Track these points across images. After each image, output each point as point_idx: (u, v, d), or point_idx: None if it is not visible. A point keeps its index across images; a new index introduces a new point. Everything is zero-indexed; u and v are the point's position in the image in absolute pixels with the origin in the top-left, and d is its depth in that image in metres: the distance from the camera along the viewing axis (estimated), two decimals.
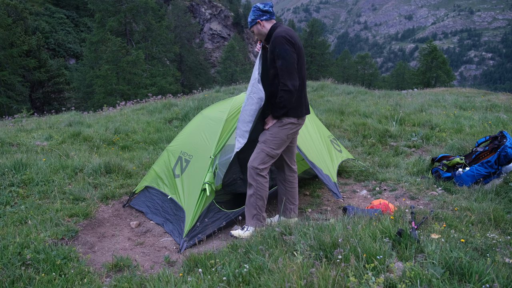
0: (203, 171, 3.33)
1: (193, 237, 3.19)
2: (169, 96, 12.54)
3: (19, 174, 4.38)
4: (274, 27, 3.04)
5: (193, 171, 3.48)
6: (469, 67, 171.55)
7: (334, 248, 2.33)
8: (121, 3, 27.25)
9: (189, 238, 3.16)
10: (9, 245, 2.81)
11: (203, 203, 3.26)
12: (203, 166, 3.37)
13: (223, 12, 65.91)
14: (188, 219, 3.23)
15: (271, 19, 3.09)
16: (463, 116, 7.13)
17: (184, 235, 3.16)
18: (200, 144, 3.61)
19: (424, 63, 38.88)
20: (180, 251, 3.10)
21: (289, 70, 2.88)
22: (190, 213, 3.24)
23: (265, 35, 3.08)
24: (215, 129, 3.55)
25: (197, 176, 3.38)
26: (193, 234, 3.20)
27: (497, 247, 2.38)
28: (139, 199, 4.02)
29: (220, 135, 3.44)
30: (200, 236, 3.23)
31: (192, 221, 3.20)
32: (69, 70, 33.68)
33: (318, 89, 13.35)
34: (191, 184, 3.42)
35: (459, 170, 4.04)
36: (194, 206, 3.23)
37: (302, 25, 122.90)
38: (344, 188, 4.41)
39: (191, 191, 3.37)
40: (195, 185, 3.35)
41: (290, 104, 2.96)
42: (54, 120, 8.74)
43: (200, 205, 3.25)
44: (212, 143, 3.44)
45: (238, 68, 39.09)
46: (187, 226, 3.19)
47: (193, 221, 3.20)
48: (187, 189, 3.44)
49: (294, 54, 2.91)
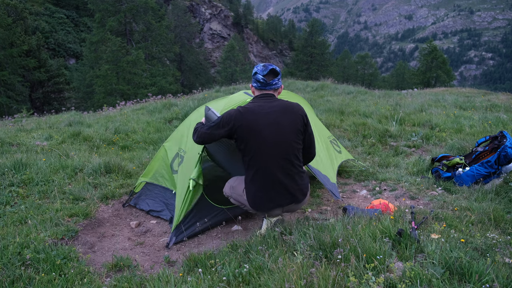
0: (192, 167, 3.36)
1: (184, 231, 3.24)
2: (169, 96, 12.55)
3: (19, 174, 4.38)
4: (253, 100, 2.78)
5: (186, 167, 3.50)
6: (469, 67, 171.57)
7: (334, 248, 2.33)
8: (121, 3, 27.24)
9: (177, 233, 3.22)
10: (9, 245, 2.81)
11: (189, 199, 3.30)
12: (193, 162, 3.39)
13: (223, 12, 65.93)
14: (176, 214, 3.29)
15: (261, 89, 2.76)
16: (463, 116, 7.13)
17: (172, 229, 3.24)
18: (192, 140, 3.63)
19: (424, 63, 38.89)
20: (167, 246, 3.18)
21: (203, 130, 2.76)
22: (178, 209, 3.29)
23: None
24: None
25: (189, 172, 3.40)
26: (182, 230, 3.26)
27: (497, 247, 2.38)
28: (140, 197, 4.03)
29: None
30: (190, 231, 3.27)
31: (179, 216, 3.25)
32: (69, 70, 33.68)
33: (318, 89, 13.37)
34: (183, 180, 3.45)
35: (459, 170, 4.04)
36: (182, 202, 3.28)
37: (302, 25, 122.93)
38: (344, 188, 4.41)
39: (182, 187, 3.40)
40: (186, 181, 3.38)
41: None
42: (54, 120, 8.74)
43: (187, 201, 3.29)
44: None
45: (238, 68, 39.10)
46: (175, 222, 3.26)
47: (180, 217, 3.25)
48: (179, 185, 3.49)
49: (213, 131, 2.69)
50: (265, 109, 2.66)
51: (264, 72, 2.70)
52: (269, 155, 2.63)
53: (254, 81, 2.74)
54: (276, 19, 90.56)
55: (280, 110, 2.67)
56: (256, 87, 2.75)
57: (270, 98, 2.74)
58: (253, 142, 2.62)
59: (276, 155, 2.64)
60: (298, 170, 2.77)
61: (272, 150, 2.63)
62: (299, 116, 2.72)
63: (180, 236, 3.24)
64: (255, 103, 2.72)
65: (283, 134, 2.64)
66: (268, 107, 2.67)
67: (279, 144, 2.63)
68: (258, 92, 2.77)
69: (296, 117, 2.70)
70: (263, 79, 2.70)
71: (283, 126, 2.64)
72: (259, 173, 2.66)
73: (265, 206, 2.77)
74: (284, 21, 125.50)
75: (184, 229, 3.27)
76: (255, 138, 2.61)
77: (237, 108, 2.70)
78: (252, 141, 2.62)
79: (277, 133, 2.63)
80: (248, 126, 2.61)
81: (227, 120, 2.64)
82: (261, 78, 2.69)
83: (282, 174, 2.68)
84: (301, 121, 2.73)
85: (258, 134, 2.61)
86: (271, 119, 2.63)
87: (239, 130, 2.62)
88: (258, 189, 2.71)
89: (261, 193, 2.72)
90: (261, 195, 2.72)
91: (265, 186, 2.69)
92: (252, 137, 2.61)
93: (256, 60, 65.30)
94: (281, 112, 2.67)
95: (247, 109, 2.66)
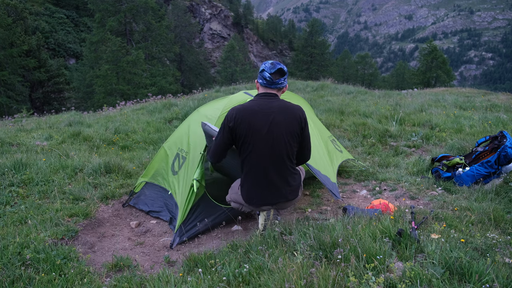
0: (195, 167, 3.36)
1: (185, 233, 3.25)
2: (169, 96, 12.55)
3: (19, 174, 4.38)
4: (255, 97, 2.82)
5: (188, 167, 3.51)
6: (469, 67, 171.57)
7: (334, 248, 2.33)
8: (121, 3, 27.24)
9: (180, 234, 3.23)
10: (9, 245, 2.81)
11: (192, 199, 3.31)
12: (196, 162, 3.40)
13: (223, 12, 65.93)
14: (179, 215, 3.29)
15: (266, 87, 2.76)
16: (463, 116, 7.13)
17: (175, 230, 3.24)
18: (195, 140, 3.63)
19: (424, 63, 38.89)
20: (171, 247, 3.18)
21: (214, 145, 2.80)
22: (181, 209, 3.30)
23: None
24: None
25: (191, 172, 3.41)
26: (185, 230, 3.26)
27: (497, 247, 2.38)
28: (139, 197, 4.03)
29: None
30: (192, 232, 3.28)
31: (182, 217, 3.26)
32: (69, 70, 33.68)
33: (318, 89, 13.37)
34: (186, 181, 3.45)
35: (459, 170, 4.04)
36: (184, 202, 3.29)
37: (302, 25, 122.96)
38: (344, 188, 4.41)
39: (185, 188, 3.41)
40: (189, 181, 3.39)
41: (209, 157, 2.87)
42: (54, 120, 8.74)
43: (190, 201, 3.30)
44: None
45: (238, 68, 39.09)
46: (178, 222, 3.26)
47: (183, 217, 3.26)
48: (181, 185, 3.49)
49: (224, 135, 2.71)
50: (264, 109, 2.68)
51: (271, 71, 2.71)
52: (264, 154, 2.68)
53: (260, 78, 2.75)
54: (276, 19, 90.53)
55: (279, 111, 2.69)
56: (262, 84, 2.76)
57: (271, 97, 2.75)
58: (250, 139, 2.66)
59: (271, 155, 2.68)
60: (291, 171, 2.81)
61: (267, 150, 2.67)
62: (297, 119, 2.73)
63: (184, 236, 3.24)
64: (255, 102, 2.75)
65: (279, 135, 2.67)
66: (268, 107, 2.69)
67: (274, 144, 2.67)
68: (262, 89, 2.79)
69: (294, 119, 2.72)
70: (269, 77, 2.70)
71: (280, 127, 2.67)
72: (252, 171, 2.73)
73: (257, 202, 2.82)
74: (284, 21, 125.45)
75: (186, 230, 3.27)
76: (252, 136, 2.65)
77: (237, 106, 2.72)
78: (249, 138, 2.66)
79: (273, 133, 2.66)
80: (247, 123, 2.64)
81: (229, 118, 2.66)
82: (268, 76, 2.70)
83: (275, 174, 2.73)
84: (298, 124, 2.74)
85: (255, 132, 2.64)
86: (269, 119, 2.65)
87: (239, 128, 2.65)
88: (251, 186, 2.78)
89: (254, 190, 2.78)
90: (254, 192, 2.78)
91: (258, 184, 2.75)
92: (249, 134, 2.65)
93: (256, 60, 65.28)
94: (279, 113, 2.69)
95: (246, 107, 2.69)
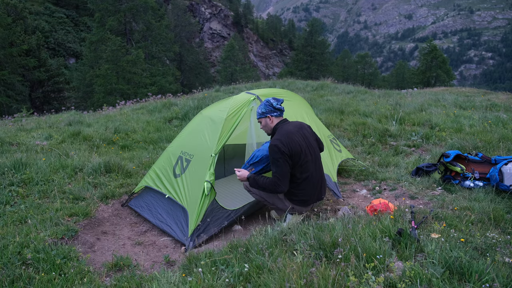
0: (204, 170, 3.34)
1: (197, 236, 3.20)
2: (169, 96, 12.55)
3: (19, 174, 4.38)
4: (278, 126, 3.24)
5: (195, 170, 3.49)
6: (469, 67, 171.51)
7: (334, 247, 2.33)
8: (121, 2, 27.20)
9: (194, 238, 3.17)
10: (9, 245, 2.81)
11: (206, 202, 3.27)
12: (204, 165, 3.38)
13: (223, 11, 65.90)
14: (192, 218, 3.23)
15: (278, 116, 3.28)
16: (463, 115, 7.13)
17: (189, 234, 3.17)
18: (200, 143, 3.62)
19: (424, 62, 38.87)
20: (186, 251, 3.09)
21: (281, 177, 3.02)
22: (194, 213, 3.24)
23: (271, 129, 3.30)
24: (215, 128, 3.57)
25: (199, 175, 3.39)
26: (198, 233, 3.21)
27: (497, 247, 2.38)
28: (138, 199, 4.02)
29: (220, 134, 3.46)
30: (204, 235, 3.23)
31: (197, 220, 3.20)
32: (69, 70, 33.64)
33: (318, 88, 13.35)
34: (193, 183, 3.42)
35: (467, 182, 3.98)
36: (198, 206, 3.24)
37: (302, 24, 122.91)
38: (344, 187, 4.41)
39: (193, 190, 3.37)
40: (198, 184, 3.36)
41: (266, 191, 3.13)
42: (54, 120, 8.73)
43: (204, 205, 3.26)
44: (213, 142, 3.46)
45: (238, 67, 39.07)
46: (191, 226, 3.19)
47: (198, 220, 3.21)
48: (188, 188, 3.45)
49: (287, 163, 3.02)
50: (294, 130, 3.18)
51: (279, 103, 3.25)
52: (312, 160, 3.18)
53: (273, 111, 3.23)
54: (276, 18, 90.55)
55: (301, 127, 3.28)
56: (276, 115, 3.26)
57: (287, 121, 3.30)
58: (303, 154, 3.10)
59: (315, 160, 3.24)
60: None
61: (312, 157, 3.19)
62: (310, 128, 3.39)
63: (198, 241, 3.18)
64: (286, 127, 3.20)
65: (312, 143, 3.26)
66: (293, 127, 3.22)
67: (316, 152, 3.27)
68: (277, 119, 3.27)
69: (311, 130, 3.38)
70: (281, 107, 3.25)
71: (309, 138, 3.27)
72: (309, 177, 3.17)
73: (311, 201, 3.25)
74: (284, 21, 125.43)
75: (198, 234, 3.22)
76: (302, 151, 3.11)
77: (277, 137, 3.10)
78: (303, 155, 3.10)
79: (308, 144, 3.20)
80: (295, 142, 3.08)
81: (282, 149, 3.01)
82: (280, 106, 3.23)
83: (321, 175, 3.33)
84: (313, 132, 3.40)
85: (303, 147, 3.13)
86: (302, 135, 3.21)
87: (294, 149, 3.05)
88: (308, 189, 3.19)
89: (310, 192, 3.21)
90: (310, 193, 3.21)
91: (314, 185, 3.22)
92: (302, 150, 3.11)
93: (256, 59, 65.23)
94: (302, 129, 3.26)
95: (286, 132, 3.13)
